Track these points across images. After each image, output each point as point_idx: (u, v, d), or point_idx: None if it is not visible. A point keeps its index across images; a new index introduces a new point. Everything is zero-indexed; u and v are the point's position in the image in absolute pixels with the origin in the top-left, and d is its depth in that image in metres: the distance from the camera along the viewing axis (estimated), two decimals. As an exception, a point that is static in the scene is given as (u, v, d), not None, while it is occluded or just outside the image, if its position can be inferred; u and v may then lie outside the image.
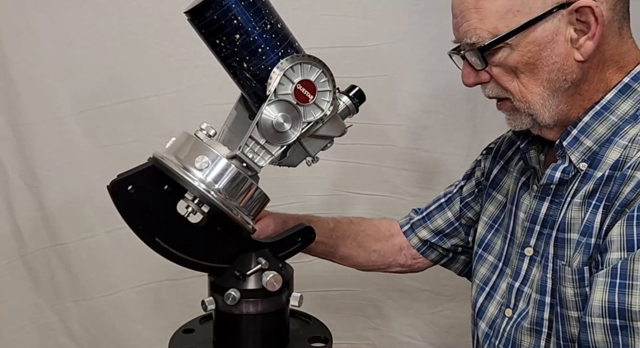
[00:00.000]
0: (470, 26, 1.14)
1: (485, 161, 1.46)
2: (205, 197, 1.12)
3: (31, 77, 1.78)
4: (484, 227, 1.40)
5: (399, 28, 1.83)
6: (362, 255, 1.54)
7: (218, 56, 1.16)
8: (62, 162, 1.84)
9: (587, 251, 1.11)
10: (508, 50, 1.13)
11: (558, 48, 1.12)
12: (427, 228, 1.51)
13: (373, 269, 1.58)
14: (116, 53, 1.80)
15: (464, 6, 1.14)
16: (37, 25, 1.77)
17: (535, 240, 1.24)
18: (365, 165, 1.91)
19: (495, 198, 1.39)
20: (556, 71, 1.13)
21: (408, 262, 1.55)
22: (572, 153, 1.17)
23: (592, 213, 1.11)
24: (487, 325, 1.33)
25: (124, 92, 1.82)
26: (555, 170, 1.18)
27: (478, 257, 1.39)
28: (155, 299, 1.97)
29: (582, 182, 1.16)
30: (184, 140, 1.17)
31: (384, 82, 1.85)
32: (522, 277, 1.25)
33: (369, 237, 1.54)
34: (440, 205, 1.52)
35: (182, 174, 1.12)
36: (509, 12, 1.11)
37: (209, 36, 1.14)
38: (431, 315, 2.01)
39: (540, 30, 1.11)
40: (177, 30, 1.75)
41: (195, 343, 1.26)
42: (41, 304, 1.93)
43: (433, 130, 1.89)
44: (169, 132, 1.84)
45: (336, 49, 1.78)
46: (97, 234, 1.90)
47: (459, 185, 1.51)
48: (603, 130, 1.15)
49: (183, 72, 1.82)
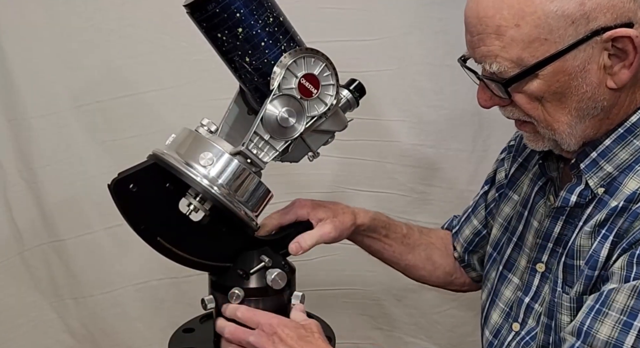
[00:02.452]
0: (491, 53, 1.04)
1: (507, 160, 1.39)
2: (209, 193, 1.12)
3: (28, 71, 1.77)
4: (498, 229, 1.35)
5: (403, 21, 1.82)
6: (427, 268, 1.47)
7: (219, 50, 1.16)
8: (60, 158, 1.84)
9: (587, 282, 1.08)
10: (534, 80, 1.04)
11: (590, 77, 1.03)
12: (459, 243, 1.46)
13: (433, 284, 1.52)
14: (114, 47, 1.80)
15: (482, 28, 1.04)
16: (34, 18, 1.76)
17: (547, 256, 1.20)
18: (368, 161, 1.91)
19: (511, 199, 1.34)
20: (587, 100, 1.05)
21: (467, 280, 1.50)
22: (591, 177, 1.11)
23: (600, 244, 1.06)
24: (491, 333, 1.31)
25: (123, 87, 1.82)
26: (571, 193, 1.13)
27: (492, 260, 1.35)
28: (155, 297, 1.97)
29: (597, 208, 1.10)
30: (185, 136, 1.17)
31: (388, 77, 1.84)
32: (533, 293, 1.22)
33: (437, 251, 1.48)
34: (467, 216, 1.47)
35: (186, 170, 1.12)
36: (536, 41, 1.01)
37: (210, 30, 1.13)
38: (436, 315, 2.01)
39: (571, 59, 1.01)
40: (176, 23, 1.74)
41: (196, 343, 1.26)
42: (39, 302, 1.93)
43: (438, 125, 1.89)
44: (169, 127, 1.84)
45: (338, 43, 1.77)
46: (95, 231, 1.90)
47: (482, 192, 1.45)
48: (625, 155, 1.08)
49: (183, 67, 1.82)
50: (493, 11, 1.02)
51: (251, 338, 1.12)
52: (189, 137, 1.17)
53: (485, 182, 1.46)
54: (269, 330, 1.12)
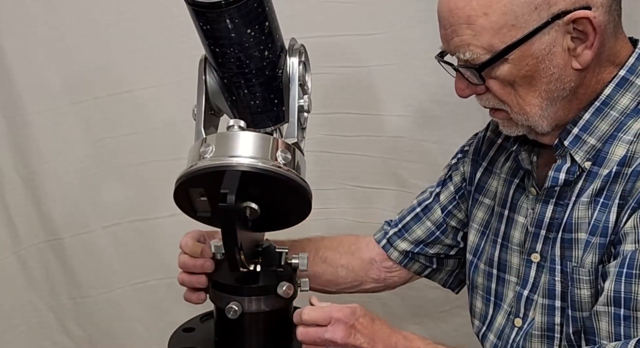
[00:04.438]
0: (463, 42, 1.13)
1: (463, 165, 1.45)
2: (308, 193, 1.16)
3: (25, 66, 1.77)
4: (475, 235, 1.38)
5: (406, 15, 1.82)
6: (328, 270, 1.50)
7: (240, 47, 1.14)
8: (58, 155, 1.84)
9: (600, 251, 1.12)
10: (505, 65, 1.13)
11: (556, 59, 1.12)
12: (406, 240, 1.47)
13: (345, 288, 1.53)
14: (112, 41, 1.80)
15: (454, 19, 1.13)
16: (31, 12, 1.76)
17: (541, 245, 1.23)
18: (371, 157, 1.91)
19: (482, 203, 1.38)
20: (554, 81, 1.13)
21: (382, 276, 1.51)
22: (576, 152, 1.17)
23: (601, 212, 1.12)
24: (495, 336, 1.32)
25: (121, 83, 1.82)
26: (558, 171, 1.18)
27: (474, 267, 1.38)
28: (154, 297, 1.96)
29: (587, 180, 1.16)
30: (249, 139, 1.15)
31: (391, 71, 1.84)
32: (531, 285, 1.24)
33: (332, 251, 1.51)
34: (416, 215, 1.48)
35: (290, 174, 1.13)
36: (504, 27, 1.10)
37: (240, 27, 1.12)
38: (440, 314, 2.01)
39: (537, 43, 1.11)
40: (176, 17, 1.74)
41: (196, 343, 1.26)
42: (36, 302, 1.94)
43: (442, 120, 1.88)
44: (168, 123, 1.86)
45: (341, 36, 1.77)
46: (93, 230, 1.90)
47: (434, 192, 1.48)
48: (605, 126, 1.16)
49: (182, 62, 1.82)
50: (463, 3, 1.12)
51: (327, 334, 1.13)
52: (256, 139, 1.15)
53: (437, 184, 1.49)
54: (348, 321, 1.13)
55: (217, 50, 1.15)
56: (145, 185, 1.88)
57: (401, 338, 1.16)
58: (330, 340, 1.12)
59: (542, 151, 1.26)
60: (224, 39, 1.13)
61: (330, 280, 1.51)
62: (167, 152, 1.83)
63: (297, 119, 1.19)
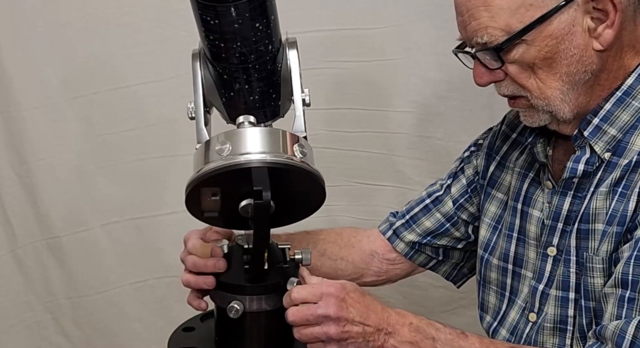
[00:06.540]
0: (481, 25, 1.13)
1: (476, 158, 1.45)
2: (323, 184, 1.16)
3: (22, 61, 1.78)
4: (487, 230, 1.39)
5: (410, 9, 1.82)
6: (327, 263, 1.50)
7: (246, 41, 1.15)
8: (55, 151, 1.84)
9: (616, 239, 1.12)
10: (524, 46, 1.13)
11: (576, 39, 1.12)
12: (413, 231, 1.48)
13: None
14: (111, 36, 1.80)
15: (471, 4, 1.14)
16: (28, 6, 1.76)
17: (558, 238, 1.23)
18: (375, 154, 1.91)
19: (495, 197, 1.38)
20: (575, 63, 1.13)
21: (384, 268, 1.51)
22: (596, 143, 1.17)
23: (619, 202, 1.13)
24: (507, 331, 1.32)
25: (120, 78, 1.82)
26: (577, 162, 1.18)
27: (485, 262, 1.38)
28: (153, 297, 1.97)
29: (606, 171, 1.16)
30: (265, 134, 1.15)
31: (395, 67, 1.84)
32: (547, 279, 1.24)
33: (331, 244, 1.51)
34: (425, 206, 1.48)
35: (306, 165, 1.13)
36: (521, 7, 1.11)
37: (250, 20, 1.12)
38: (445, 313, 2.01)
39: (556, 22, 1.11)
40: (175, 11, 1.75)
41: (196, 342, 1.26)
42: (32, 301, 1.94)
43: (447, 117, 1.88)
44: (168, 120, 1.85)
45: (344, 31, 1.77)
46: (91, 228, 1.91)
47: (445, 185, 1.48)
48: (627, 117, 1.16)
49: (182, 57, 1.81)
50: None
51: (319, 310, 1.11)
52: (269, 134, 1.15)
53: (448, 176, 1.49)
54: (339, 294, 1.12)
55: (221, 45, 1.15)
56: (144, 182, 1.88)
57: (394, 314, 1.15)
58: (323, 315, 1.10)
59: (558, 144, 1.26)
60: (230, 34, 1.13)
61: (329, 273, 1.49)
62: (166, 148, 1.83)
63: (302, 112, 1.19)
